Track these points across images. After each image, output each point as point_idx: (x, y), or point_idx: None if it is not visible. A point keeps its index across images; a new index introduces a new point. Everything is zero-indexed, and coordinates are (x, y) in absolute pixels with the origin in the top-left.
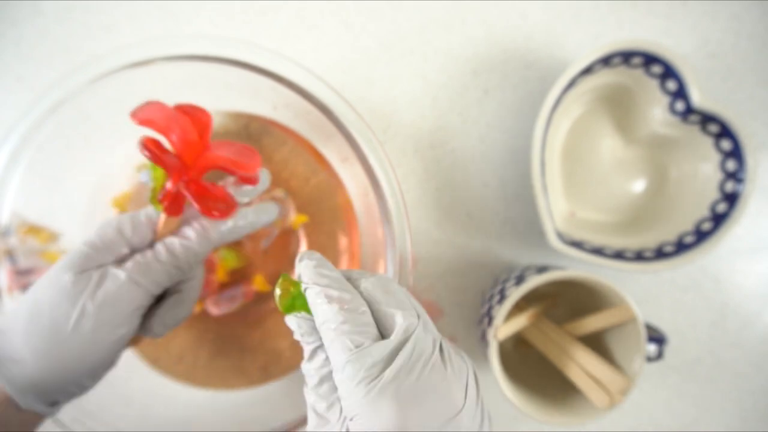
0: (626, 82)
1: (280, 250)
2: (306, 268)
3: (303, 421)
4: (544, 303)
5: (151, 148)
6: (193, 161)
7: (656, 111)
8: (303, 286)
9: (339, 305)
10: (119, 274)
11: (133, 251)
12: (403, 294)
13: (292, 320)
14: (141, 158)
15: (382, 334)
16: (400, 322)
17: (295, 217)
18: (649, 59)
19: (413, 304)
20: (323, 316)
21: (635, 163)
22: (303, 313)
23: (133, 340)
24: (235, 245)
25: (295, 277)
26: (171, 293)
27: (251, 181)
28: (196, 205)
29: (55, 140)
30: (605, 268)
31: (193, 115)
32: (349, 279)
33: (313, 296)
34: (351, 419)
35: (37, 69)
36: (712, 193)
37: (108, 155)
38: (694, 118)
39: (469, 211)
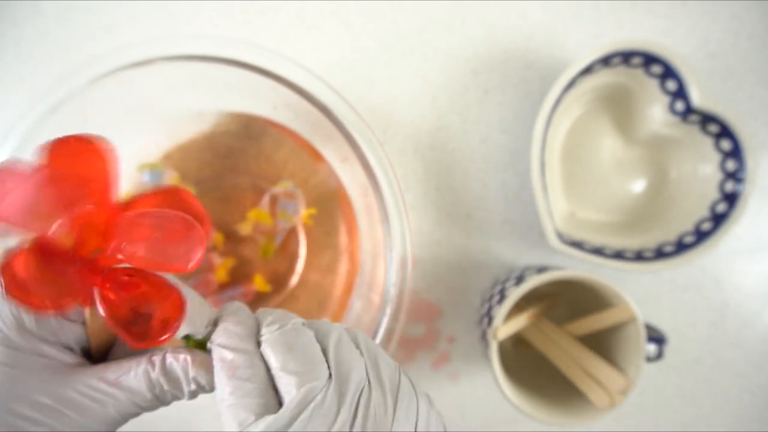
0: (626, 82)
1: (280, 250)
2: (219, 329)
3: None
4: (544, 303)
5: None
6: (98, 247)
7: (656, 111)
8: (208, 345)
9: (229, 371)
10: None
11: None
12: (316, 347)
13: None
14: (142, 158)
15: (282, 403)
16: (292, 391)
17: (304, 211)
18: (649, 59)
19: (337, 356)
20: (216, 386)
21: (635, 163)
22: None
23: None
24: (235, 247)
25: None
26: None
27: (173, 313)
28: (122, 336)
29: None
30: (605, 268)
31: (78, 161)
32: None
33: (211, 361)
34: None
35: (37, 69)
36: (712, 193)
37: None
38: (694, 118)
39: (469, 211)
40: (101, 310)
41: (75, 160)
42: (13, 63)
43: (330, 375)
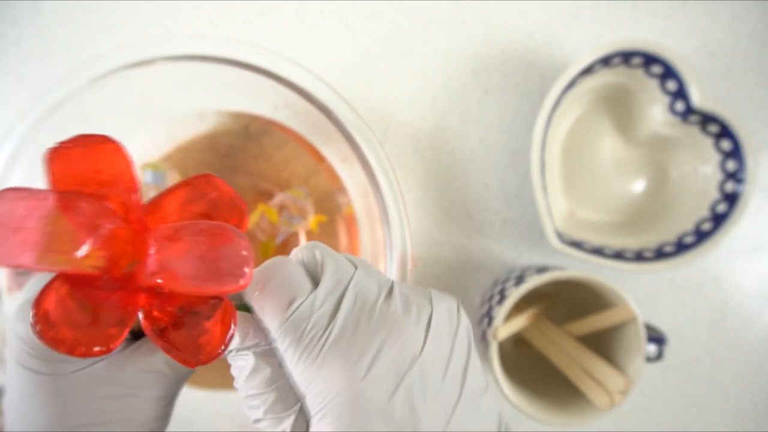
0: (626, 82)
1: (280, 249)
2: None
3: None
4: (544, 303)
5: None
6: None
7: (656, 111)
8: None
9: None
10: None
11: None
12: (341, 256)
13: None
14: (144, 158)
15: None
16: (329, 272)
17: (313, 218)
18: (649, 59)
19: (352, 259)
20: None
21: (635, 163)
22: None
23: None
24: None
25: None
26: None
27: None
28: (174, 358)
29: (55, 140)
30: (605, 268)
31: (88, 166)
32: None
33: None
34: (305, 396)
35: (37, 69)
36: (712, 193)
37: None
38: (694, 118)
39: (469, 211)
40: (148, 332)
41: (86, 167)
42: (13, 63)
43: (355, 266)
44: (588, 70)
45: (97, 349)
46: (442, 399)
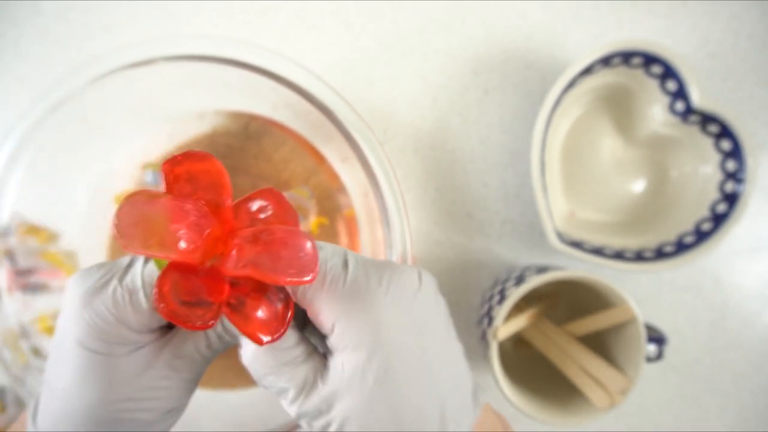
0: (626, 82)
1: None
2: None
3: None
4: (544, 303)
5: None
6: (221, 256)
7: (656, 111)
8: None
9: None
10: None
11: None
12: None
13: None
14: (145, 157)
15: None
16: (326, 244)
17: (314, 219)
18: (649, 59)
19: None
20: None
21: (635, 163)
22: None
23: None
24: None
25: None
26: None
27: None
28: (242, 336)
29: (55, 140)
30: (605, 268)
31: (199, 177)
32: None
33: None
34: (331, 334)
35: (37, 69)
36: (712, 193)
37: (109, 155)
38: (694, 118)
39: (469, 211)
40: (227, 313)
41: (197, 178)
42: (13, 63)
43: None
44: (588, 70)
45: (199, 323)
46: (436, 332)
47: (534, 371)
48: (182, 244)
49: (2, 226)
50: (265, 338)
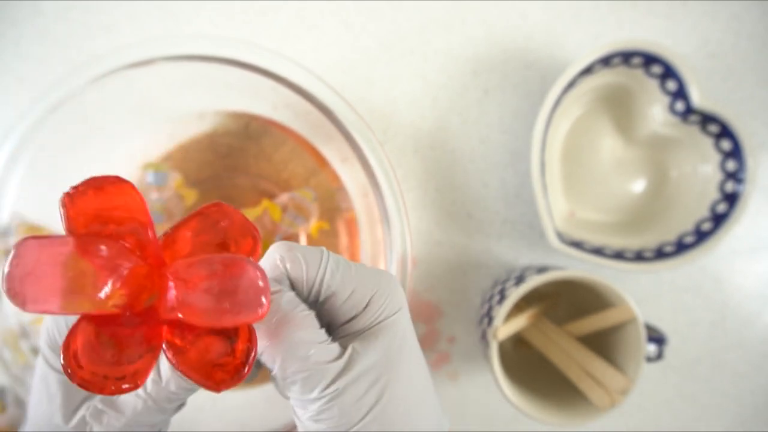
0: (626, 82)
1: None
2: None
3: None
4: (544, 303)
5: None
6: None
7: (656, 111)
8: None
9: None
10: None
11: None
12: None
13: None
14: (146, 157)
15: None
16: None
17: (315, 223)
18: (649, 59)
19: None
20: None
21: (635, 163)
22: None
23: None
24: None
25: None
26: None
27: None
28: (201, 384)
29: (55, 140)
30: (605, 268)
31: (104, 207)
32: None
33: None
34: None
35: (37, 69)
36: (712, 193)
37: (109, 155)
38: (694, 118)
39: (469, 211)
40: (171, 361)
41: (100, 208)
42: (13, 63)
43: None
44: (588, 70)
45: (126, 386)
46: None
47: (534, 371)
48: (99, 293)
49: (2, 226)
50: (218, 386)
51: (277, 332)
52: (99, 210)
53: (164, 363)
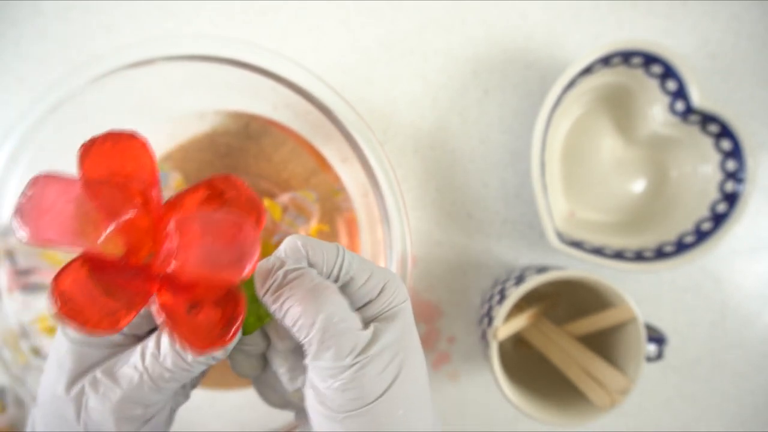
0: (626, 82)
1: (275, 248)
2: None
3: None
4: (544, 303)
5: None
6: (150, 250)
7: (656, 111)
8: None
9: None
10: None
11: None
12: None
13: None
14: None
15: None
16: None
17: (315, 225)
18: (649, 59)
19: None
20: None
21: (635, 163)
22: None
23: None
24: None
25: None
26: None
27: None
28: (179, 340)
29: (55, 140)
30: (605, 268)
31: (117, 161)
32: None
33: None
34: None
35: (37, 69)
36: (712, 193)
37: None
38: (694, 118)
39: (469, 211)
40: (160, 317)
41: (114, 161)
42: (13, 63)
43: None
44: (588, 70)
45: (104, 323)
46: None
47: (534, 371)
48: (98, 234)
49: (2, 226)
50: (201, 347)
51: (314, 297)
52: (112, 161)
53: (164, 339)
